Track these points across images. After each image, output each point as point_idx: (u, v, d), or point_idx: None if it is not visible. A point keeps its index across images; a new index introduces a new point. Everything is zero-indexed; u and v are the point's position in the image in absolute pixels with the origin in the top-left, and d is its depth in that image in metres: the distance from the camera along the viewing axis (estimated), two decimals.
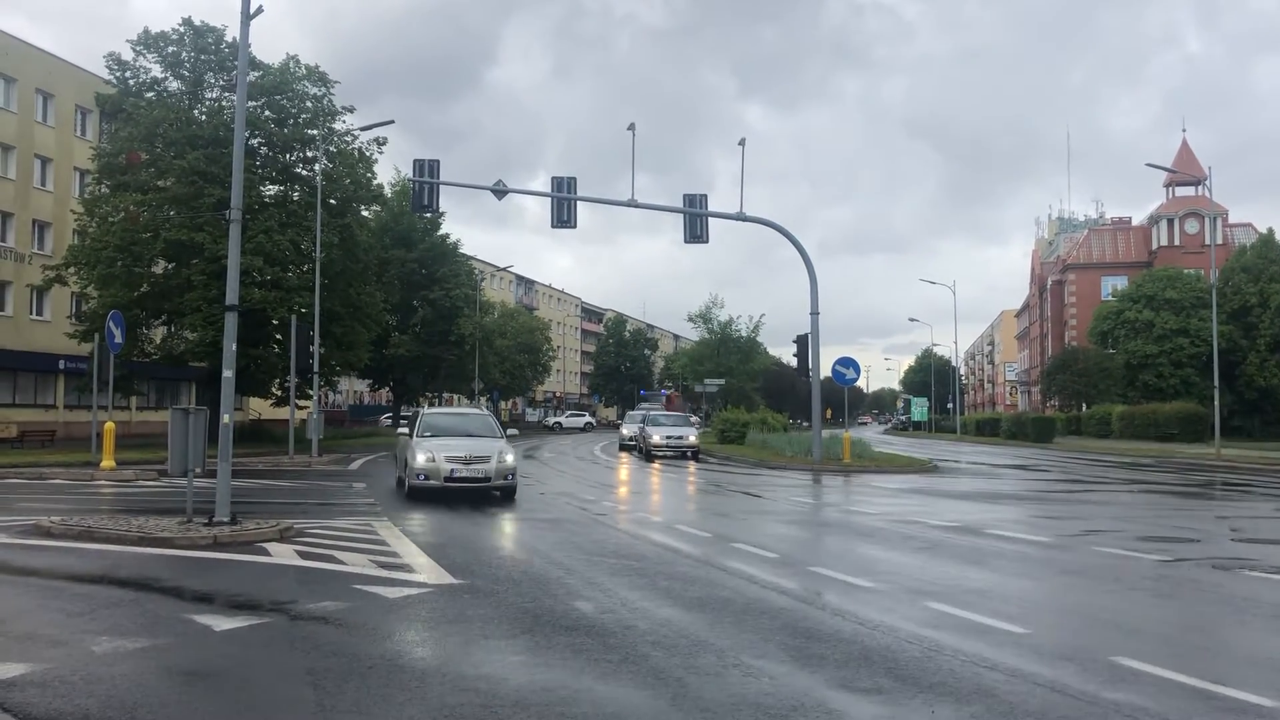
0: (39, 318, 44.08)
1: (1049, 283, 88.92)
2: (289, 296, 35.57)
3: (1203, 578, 10.71)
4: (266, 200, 38.15)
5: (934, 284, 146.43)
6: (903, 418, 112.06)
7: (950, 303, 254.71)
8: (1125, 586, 10.16)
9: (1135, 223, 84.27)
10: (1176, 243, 73.71)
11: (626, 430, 44.31)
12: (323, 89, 39.17)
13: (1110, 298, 69.63)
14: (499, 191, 31.42)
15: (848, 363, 33.86)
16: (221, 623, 7.88)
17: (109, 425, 25.54)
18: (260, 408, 52.11)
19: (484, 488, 18.11)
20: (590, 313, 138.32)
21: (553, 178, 30.26)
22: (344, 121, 40.10)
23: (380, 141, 41.42)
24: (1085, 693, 6.12)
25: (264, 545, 12.05)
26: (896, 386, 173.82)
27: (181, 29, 37.49)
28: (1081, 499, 21.54)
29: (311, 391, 35.66)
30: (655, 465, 32.45)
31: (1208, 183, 58.38)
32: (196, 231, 34.31)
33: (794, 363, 36.78)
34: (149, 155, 36.56)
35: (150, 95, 37.77)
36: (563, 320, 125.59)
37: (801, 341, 33.63)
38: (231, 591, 9.31)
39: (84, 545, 12.05)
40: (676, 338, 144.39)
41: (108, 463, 24.52)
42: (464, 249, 66.28)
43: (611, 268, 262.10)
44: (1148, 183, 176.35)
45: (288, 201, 38.99)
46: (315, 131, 38.07)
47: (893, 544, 13.20)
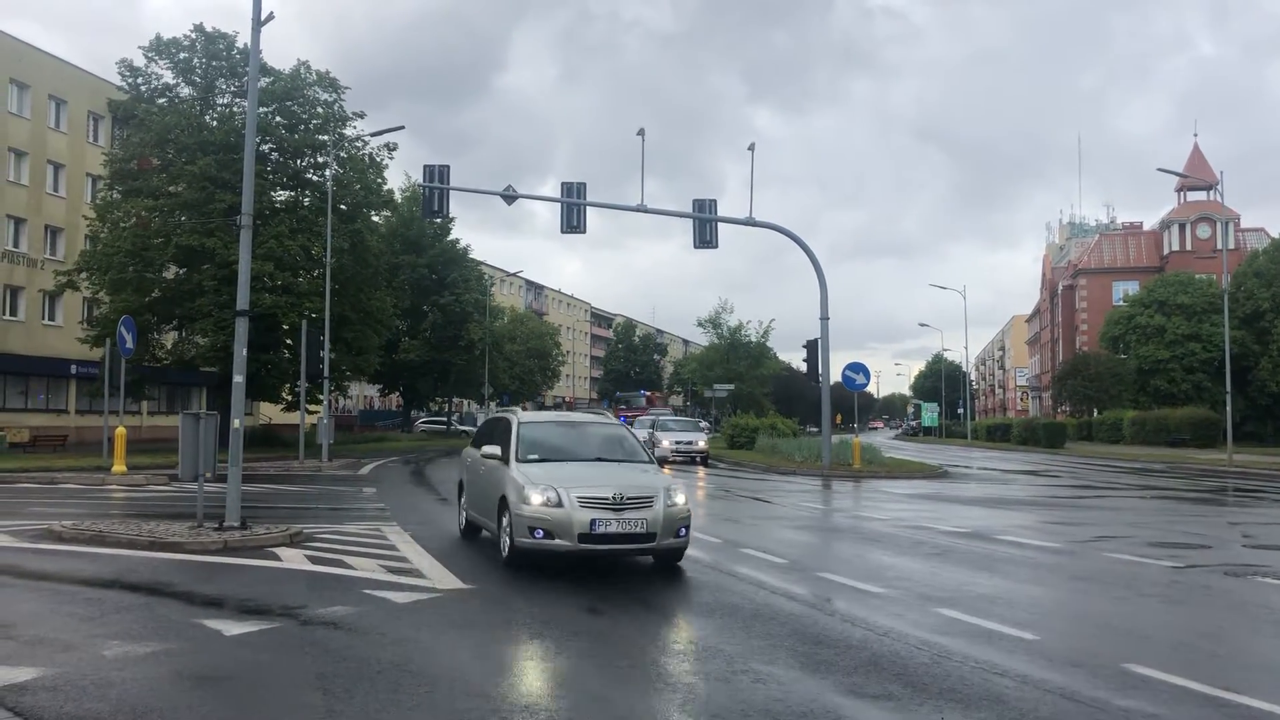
0: (51, 323, 44.30)
1: (1060, 288, 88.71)
2: (300, 302, 35.69)
3: (1214, 584, 10.66)
4: (277, 206, 38.32)
5: (944, 289, 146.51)
6: (913, 423, 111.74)
7: (961, 307, 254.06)
8: (1136, 593, 10.11)
9: (1147, 228, 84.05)
10: (1188, 248, 73.47)
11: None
12: (333, 95, 39.36)
13: (1122, 303, 69.41)
14: (509, 197, 31.48)
15: (858, 368, 33.81)
16: (232, 627, 7.90)
17: (120, 430, 25.64)
18: (271, 412, 52.26)
19: (644, 550, 10.84)
20: (600, 318, 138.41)
21: (562, 183, 30.31)
22: (354, 127, 40.29)
23: (391, 147, 41.58)
24: (1096, 699, 6.10)
25: (274, 550, 12.07)
26: (907, 391, 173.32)
27: (193, 35, 37.70)
28: (1092, 505, 21.46)
29: (322, 396, 35.76)
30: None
31: (1219, 187, 58.15)
32: (208, 237, 34.47)
33: (804, 368, 36.80)
34: (160, 161, 36.76)
35: (162, 101, 37.98)
36: (572, 325, 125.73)
37: (811, 346, 33.58)
38: (242, 596, 9.34)
39: (95, 550, 12.09)
40: (686, 343, 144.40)
41: (119, 467, 24.61)
42: (474, 254, 66.53)
43: (621, 273, 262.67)
44: (1159, 187, 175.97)
45: (298, 207, 39.16)
46: (326, 137, 38.24)
47: (903, 549, 13.16)
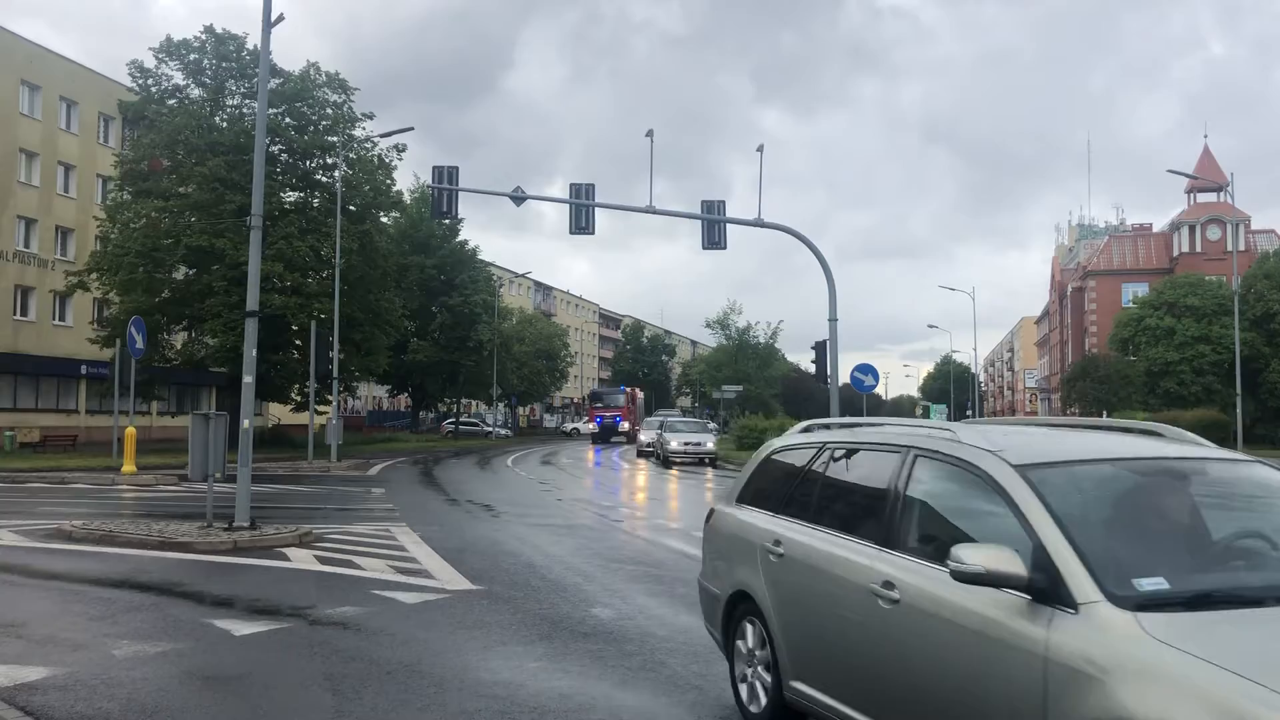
0: (61, 323, 44.46)
1: (1069, 289, 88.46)
2: (309, 302, 35.78)
3: None
4: (287, 207, 38.45)
5: (953, 290, 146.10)
6: None
7: (969, 309, 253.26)
8: None
9: (1156, 229, 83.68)
10: (1198, 249, 73.11)
11: (644, 437, 44.27)
12: (342, 96, 39.46)
13: (1131, 304, 69.06)
14: (518, 198, 31.45)
15: (866, 369, 33.72)
16: (241, 627, 7.92)
17: (130, 430, 25.72)
18: (280, 413, 52.39)
19: None
20: (608, 319, 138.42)
21: (571, 184, 30.25)
22: (364, 128, 40.43)
23: (400, 148, 41.66)
24: None
25: (283, 550, 12.10)
26: (915, 393, 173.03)
27: (203, 37, 37.85)
28: None
29: (331, 397, 35.85)
30: (673, 472, 32.42)
31: (1230, 189, 57.79)
32: (217, 238, 34.58)
33: (812, 369, 36.59)
34: (170, 162, 36.91)
35: (172, 102, 38.13)
36: (581, 326, 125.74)
37: (820, 348, 33.43)
38: (251, 596, 9.36)
39: (105, 549, 12.13)
40: (694, 344, 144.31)
41: (129, 467, 24.70)
42: (482, 255, 66.62)
43: (629, 273, 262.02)
44: (1169, 188, 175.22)
45: (308, 208, 39.28)
46: (335, 138, 38.35)
47: None
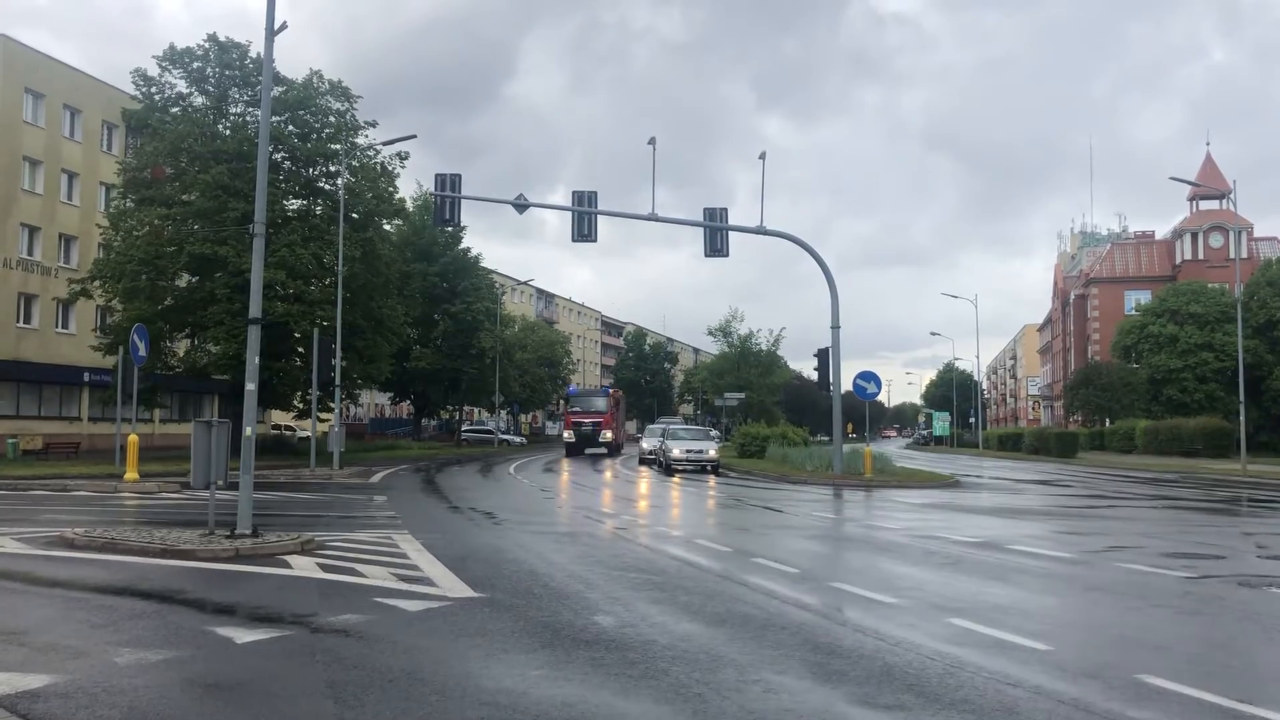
0: (64, 331, 44.52)
1: (1072, 297, 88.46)
2: (311, 310, 35.82)
3: (1229, 595, 10.58)
4: (289, 214, 38.52)
5: (955, 298, 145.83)
6: (924, 432, 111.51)
7: (972, 316, 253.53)
8: (1150, 603, 10.05)
9: (1159, 236, 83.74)
10: (1200, 257, 73.18)
11: (646, 444, 44.25)
12: (345, 104, 39.57)
13: (1134, 312, 69.15)
14: (520, 205, 31.55)
15: (869, 377, 33.77)
16: (243, 635, 7.91)
17: (132, 437, 25.74)
18: (282, 420, 52.40)
19: None
20: (610, 326, 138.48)
21: (573, 192, 30.39)
22: (366, 136, 40.49)
23: (402, 156, 41.74)
24: (1110, 711, 6.05)
25: (285, 558, 12.09)
26: (918, 401, 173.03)
27: (206, 45, 37.95)
28: (1105, 515, 21.36)
29: (333, 404, 35.86)
30: (675, 479, 32.39)
31: (1232, 196, 57.91)
32: (220, 245, 34.64)
33: (814, 376, 36.66)
34: (174, 170, 36.99)
35: (175, 110, 38.23)
36: (583, 334, 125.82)
37: (822, 355, 33.53)
38: (253, 604, 9.35)
39: (107, 557, 12.12)
40: (696, 351, 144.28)
41: (131, 475, 24.70)
42: (485, 262, 66.64)
43: (631, 281, 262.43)
44: (1171, 196, 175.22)
45: (310, 215, 39.33)
46: (338, 146, 38.41)
47: (914, 559, 13.11)
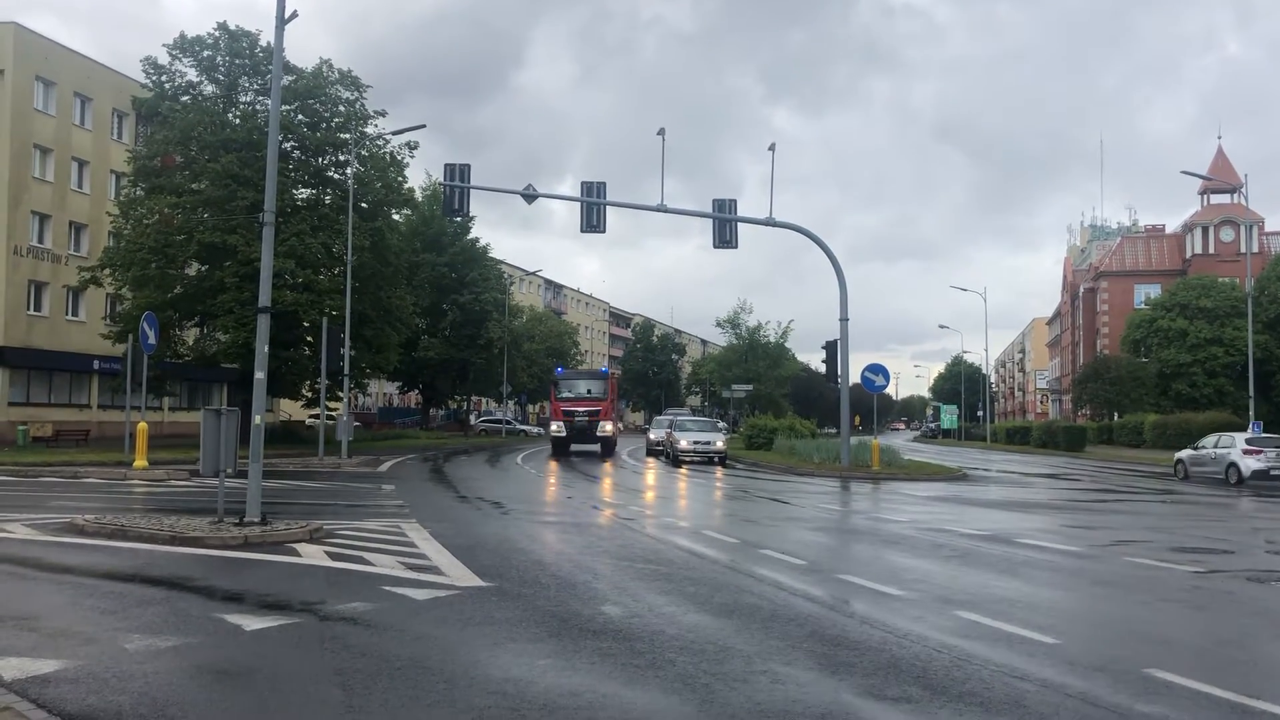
0: (74, 318, 44.63)
1: (1081, 290, 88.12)
2: (320, 299, 35.86)
3: (1237, 590, 10.56)
4: (299, 204, 38.53)
5: (965, 291, 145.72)
6: (932, 425, 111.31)
7: (981, 309, 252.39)
8: (1158, 598, 10.03)
9: (1169, 230, 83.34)
10: (1211, 251, 72.79)
11: (654, 435, 44.27)
12: (355, 93, 39.53)
13: (1143, 306, 68.81)
14: (529, 196, 31.54)
15: (877, 369, 33.69)
16: (251, 622, 7.94)
17: (142, 425, 25.82)
18: (291, 409, 52.52)
19: None
20: (618, 317, 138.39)
21: (582, 183, 30.36)
22: (375, 125, 40.45)
23: (411, 145, 41.69)
24: (1118, 705, 6.05)
25: (294, 546, 12.13)
26: (926, 394, 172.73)
27: (216, 34, 37.95)
28: (1113, 509, 21.31)
29: (342, 393, 35.92)
30: (682, 471, 32.39)
31: (1244, 190, 57.47)
32: (230, 234, 34.67)
33: (823, 369, 36.67)
34: (184, 158, 37.01)
35: (185, 99, 38.25)
36: (591, 324, 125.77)
37: (830, 347, 33.48)
38: (261, 591, 9.38)
39: (117, 544, 12.18)
40: (704, 343, 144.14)
41: (140, 462, 24.79)
42: (493, 253, 66.67)
43: (639, 272, 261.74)
44: (1182, 190, 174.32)
45: (320, 205, 39.35)
46: (347, 135, 38.40)
47: (922, 552, 13.10)
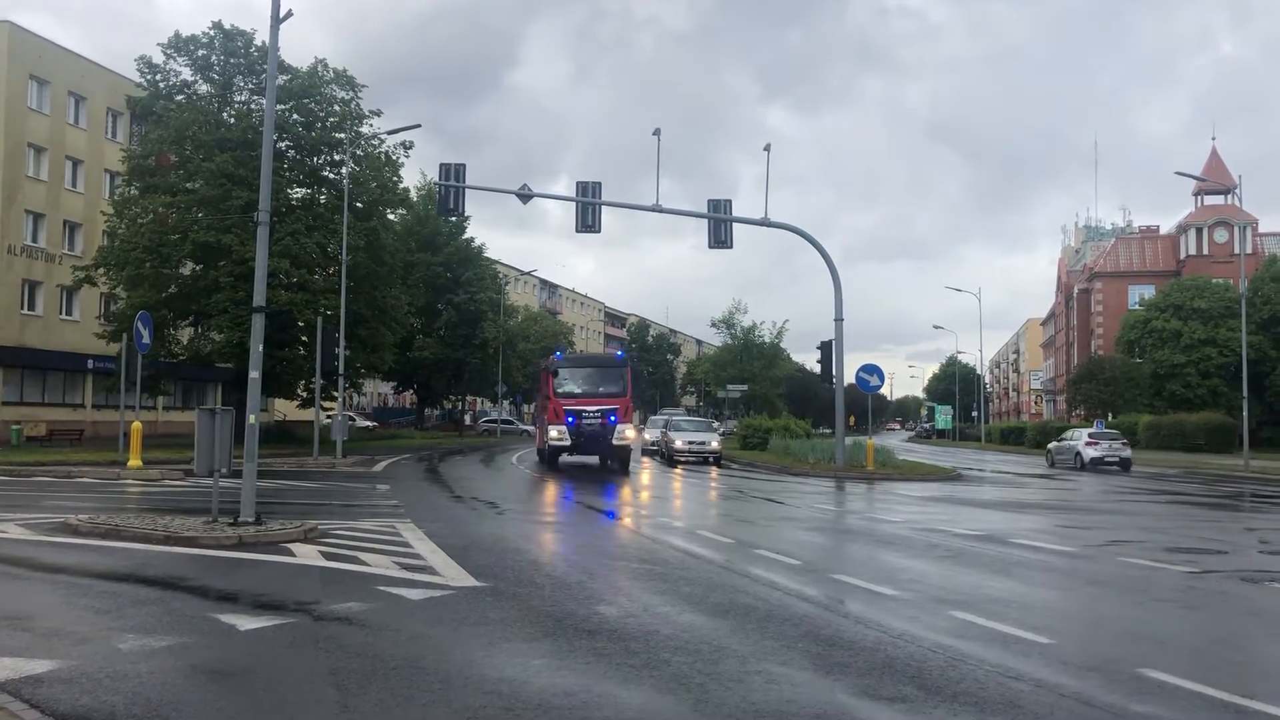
0: (68, 318, 44.54)
1: (1075, 291, 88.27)
2: (315, 299, 35.80)
3: (1231, 590, 10.59)
4: (294, 203, 38.46)
5: (959, 291, 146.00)
6: (927, 425, 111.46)
7: (975, 310, 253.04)
8: (1152, 598, 10.06)
9: (1163, 231, 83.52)
10: (1205, 252, 72.96)
11: (649, 435, 44.23)
12: (350, 93, 39.46)
13: (1137, 306, 68.99)
14: (525, 196, 31.53)
15: (871, 369, 33.71)
16: (246, 622, 7.93)
17: (136, 425, 25.78)
18: (286, 409, 52.41)
19: None
20: (613, 317, 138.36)
21: (577, 182, 30.36)
22: (371, 125, 40.36)
23: (407, 145, 41.60)
24: (1112, 705, 6.06)
25: (288, 546, 12.11)
26: (920, 394, 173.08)
27: (211, 33, 37.87)
28: (1107, 509, 21.35)
29: (337, 393, 35.87)
30: (677, 471, 32.40)
31: (1238, 191, 57.69)
32: (224, 233, 34.60)
33: (817, 369, 36.71)
34: (178, 157, 36.92)
35: (180, 98, 38.15)
36: (586, 324, 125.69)
37: (825, 348, 33.51)
38: (256, 591, 9.37)
39: (111, 544, 12.15)
40: (699, 343, 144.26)
41: (135, 462, 24.74)
42: (488, 253, 66.67)
43: (634, 272, 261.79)
44: (1176, 190, 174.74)
45: (315, 204, 39.30)
46: (342, 135, 38.37)
47: (916, 552, 13.11)
